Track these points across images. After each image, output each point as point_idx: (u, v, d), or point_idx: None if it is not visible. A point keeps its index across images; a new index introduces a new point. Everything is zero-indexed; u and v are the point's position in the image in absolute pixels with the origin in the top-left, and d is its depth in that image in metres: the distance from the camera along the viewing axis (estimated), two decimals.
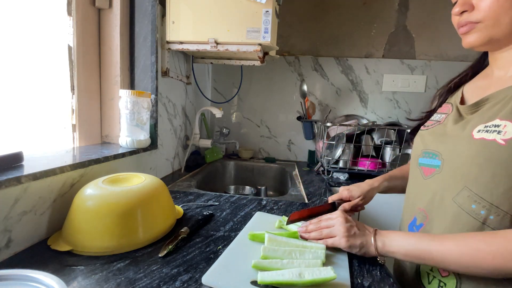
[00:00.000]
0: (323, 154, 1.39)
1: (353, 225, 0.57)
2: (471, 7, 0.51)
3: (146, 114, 0.91)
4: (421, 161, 0.62)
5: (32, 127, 0.75)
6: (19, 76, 0.71)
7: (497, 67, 0.57)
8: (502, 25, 0.49)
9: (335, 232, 0.57)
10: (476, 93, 0.59)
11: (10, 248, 0.52)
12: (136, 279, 0.47)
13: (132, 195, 0.59)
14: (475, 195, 0.49)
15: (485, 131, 0.49)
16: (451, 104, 0.63)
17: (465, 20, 0.52)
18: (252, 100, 1.79)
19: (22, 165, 0.58)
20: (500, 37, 0.51)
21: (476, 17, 0.51)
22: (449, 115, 0.61)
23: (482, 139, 0.48)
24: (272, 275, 0.46)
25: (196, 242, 0.61)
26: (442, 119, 0.62)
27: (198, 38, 1.01)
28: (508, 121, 0.46)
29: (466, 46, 0.55)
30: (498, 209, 0.47)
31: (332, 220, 0.59)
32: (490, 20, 0.50)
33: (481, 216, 0.48)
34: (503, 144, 0.45)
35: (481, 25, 0.51)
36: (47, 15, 0.77)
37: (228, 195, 0.95)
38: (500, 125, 0.47)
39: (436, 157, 0.57)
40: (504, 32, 0.50)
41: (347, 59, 1.69)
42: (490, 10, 0.49)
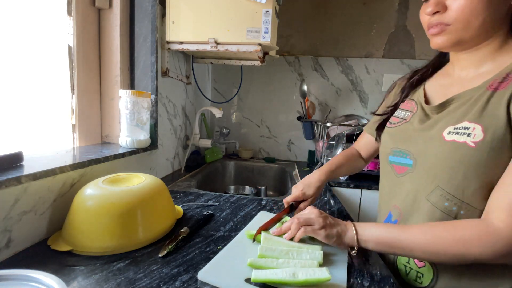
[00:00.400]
0: (323, 154, 1.39)
1: (327, 216, 0.57)
2: (444, 8, 0.51)
3: (146, 114, 0.91)
4: (392, 159, 0.63)
5: (32, 127, 0.75)
6: (19, 76, 0.71)
7: (460, 67, 0.58)
8: (472, 28, 0.50)
9: (313, 221, 0.56)
10: (440, 92, 0.60)
11: (10, 248, 0.52)
12: (136, 279, 0.47)
13: (132, 195, 0.59)
14: (448, 194, 0.51)
15: (455, 133, 0.50)
16: (415, 101, 0.64)
17: (436, 20, 0.53)
18: (252, 100, 1.79)
19: (22, 165, 0.58)
20: (468, 40, 0.52)
21: (448, 19, 0.51)
22: (414, 113, 0.62)
23: (454, 141, 0.50)
24: (266, 274, 0.46)
25: (196, 242, 0.61)
26: (408, 117, 0.63)
27: (198, 38, 1.01)
28: (476, 123, 0.48)
29: (434, 47, 0.57)
30: (468, 206, 0.50)
31: (305, 213, 0.58)
32: (461, 23, 0.50)
33: (453, 212, 0.51)
34: (473, 146, 0.47)
35: (452, 28, 0.52)
36: (47, 15, 0.77)
37: (228, 195, 0.95)
38: (469, 127, 0.49)
39: (407, 156, 0.59)
40: (472, 35, 0.51)
41: (347, 59, 1.69)
42: (462, 12, 0.49)
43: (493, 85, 0.50)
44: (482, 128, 0.47)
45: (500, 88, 0.48)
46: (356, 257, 0.57)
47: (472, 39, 0.52)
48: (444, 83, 0.61)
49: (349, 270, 0.53)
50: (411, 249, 0.49)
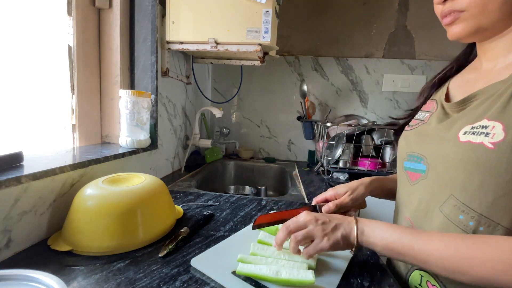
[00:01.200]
0: (323, 154, 1.39)
1: (325, 220, 0.49)
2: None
3: (146, 114, 0.91)
4: (406, 165, 0.57)
5: (32, 127, 0.75)
6: (19, 76, 0.71)
7: (486, 59, 0.52)
8: (490, 12, 0.44)
9: (311, 233, 0.48)
10: (463, 88, 0.54)
11: (10, 248, 0.52)
12: (136, 279, 0.47)
13: (132, 195, 0.59)
14: (463, 205, 0.45)
15: (471, 133, 0.44)
16: (436, 101, 0.58)
17: (448, 8, 0.48)
18: (252, 100, 1.79)
19: (22, 165, 0.58)
20: (487, 26, 0.46)
21: (460, 5, 0.46)
22: (433, 113, 0.56)
23: (468, 142, 0.44)
24: (250, 268, 0.47)
25: (196, 242, 0.61)
26: (426, 117, 0.57)
27: (198, 38, 1.01)
28: (497, 121, 0.42)
29: (451, 38, 0.51)
30: (488, 220, 0.43)
31: (299, 221, 0.50)
32: (476, 8, 0.45)
33: (469, 227, 0.44)
34: (492, 148, 0.41)
35: (466, 14, 0.46)
36: (47, 15, 0.77)
37: (228, 195, 0.95)
38: (488, 126, 0.42)
39: (421, 161, 0.53)
40: (492, 20, 0.45)
41: (347, 59, 1.68)
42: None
43: None
44: (503, 127, 0.40)
45: None
46: (356, 257, 0.57)
47: (493, 25, 0.46)
48: (469, 78, 0.54)
49: (349, 270, 0.53)
50: (425, 261, 0.42)
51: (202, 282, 0.47)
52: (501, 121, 0.41)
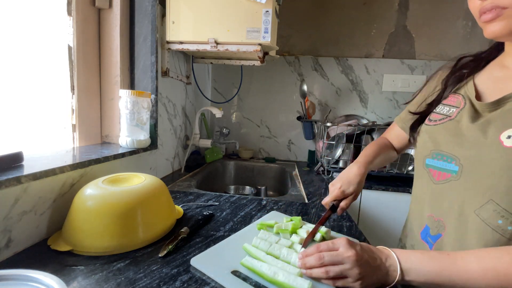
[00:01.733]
0: (323, 154, 1.39)
1: (365, 263, 0.44)
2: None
3: (146, 114, 0.91)
4: (430, 163, 0.55)
5: (32, 127, 0.75)
6: (20, 76, 0.71)
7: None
8: None
9: (346, 273, 0.44)
10: (494, 87, 0.52)
11: (10, 248, 0.52)
12: (136, 279, 0.47)
13: (132, 195, 0.59)
14: (503, 210, 0.43)
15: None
16: (462, 96, 0.55)
17: (490, 4, 0.45)
18: (252, 100, 1.79)
19: (22, 165, 0.58)
20: None
21: (505, 2, 0.43)
22: (462, 109, 0.53)
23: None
24: (253, 263, 0.49)
25: (196, 242, 0.61)
26: (453, 113, 0.54)
27: (198, 38, 1.01)
28: None
29: (489, 37, 0.48)
30: None
31: (338, 255, 0.45)
32: None
33: (508, 232, 0.43)
34: None
35: (509, 11, 0.44)
36: (47, 15, 0.77)
37: (228, 195, 0.95)
38: None
39: (452, 161, 0.50)
40: None
41: (347, 59, 1.68)
42: None
43: None
44: None
45: None
46: None
47: None
48: (499, 76, 0.52)
49: None
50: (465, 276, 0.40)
51: (202, 282, 0.47)
52: None
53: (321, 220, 0.63)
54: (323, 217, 0.64)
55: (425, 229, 0.56)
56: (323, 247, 0.47)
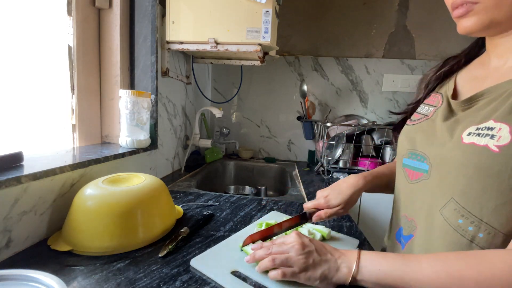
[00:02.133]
0: (323, 154, 1.39)
1: (311, 252, 0.45)
2: None
3: (146, 114, 0.91)
4: (406, 162, 0.55)
5: (32, 127, 0.75)
6: (19, 76, 0.71)
7: (496, 55, 0.49)
8: (504, 5, 0.42)
9: (291, 262, 0.44)
10: (471, 85, 0.52)
11: (10, 248, 0.52)
12: (136, 279, 0.47)
13: (132, 195, 0.59)
14: (463, 209, 0.43)
15: (476, 134, 0.42)
16: (441, 95, 0.55)
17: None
18: (252, 100, 1.79)
19: (22, 165, 0.58)
20: (501, 20, 0.43)
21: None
22: (438, 108, 0.53)
23: (472, 144, 0.42)
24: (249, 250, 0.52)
25: (196, 242, 0.61)
26: (430, 112, 0.54)
27: (198, 38, 1.01)
28: (504, 123, 0.40)
29: (462, 32, 0.47)
30: (488, 226, 0.41)
31: (286, 245, 0.46)
32: (491, 0, 0.42)
33: (468, 233, 0.43)
34: (497, 151, 0.39)
35: (480, 6, 0.43)
36: (47, 15, 0.77)
37: (228, 195, 0.95)
38: (494, 128, 0.40)
39: (424, 160, 0.50)
40: (506, 14, 0.43)
41: (347, 59, 1.68)
42: None
43: None
44: (510, 129, 0.39)
45: None
46: None
47: (507, 19, 0.43)
48: (478, 75, 0.52)
49: None
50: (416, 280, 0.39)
51: (202, 282, 0.47)
52: (508, 123, 0.39)
53: (283, 223, 0.58)
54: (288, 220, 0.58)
55: (399, 230, 0.56)
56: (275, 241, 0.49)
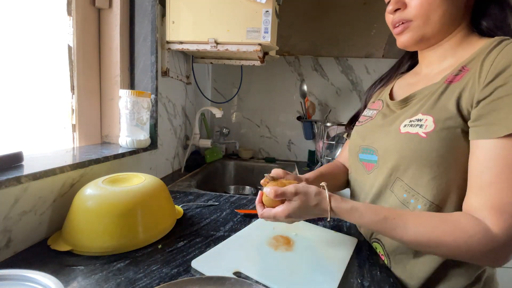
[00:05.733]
0: (323, 154, 1.39)
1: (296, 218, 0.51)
2: (404, 5, 0.53)
3: (146, 114, 0.90)
4: (361, 157, 0.64)
5: (32, 127, 0.75)
6: (19, 76, 0.71)
7: (425, 64, 0.60)
8: (432, 22, 0.52)
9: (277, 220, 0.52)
10: (405, 90, 0.62)
11: (10, 248, 0.52)
12: (136, 279, 0.47)
13: (132, 195, 0.59)
14: (406, 185, 0.53)
15: (409, 125, 0.52)
16: (382, 100, 0.67)
17: (398, 18, 0.54)
18: (252, 100, 1.79)
19: (22, 165, 0.58)
20: (430, 36, 0.54)
21: (408, 15, 0.53)
22: (379, 111, 0.64)
23: (407, 133, 0.52)
24: None
25: (196, 242, 0.61)
26: (373, 115, 0.66)
27: (198, 38, 1.01)
28: (428, 115, 0.50)
29: (400, 46, 0.58)
30: (424, 199, 0.51)
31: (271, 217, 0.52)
32: (422, 18, 0.52)
33: (411, 205, 0.52)
34: (424, 137, 0.49)
35: (413, 24, 0.53)
36: (47, 15, 0.77)
37: (228, 195, 0.95)
38: (422, 119, 0.50)
39: (373, 152, 0.60)
40: (434, 30, 0.53)
41: (347, 59, 1.68)
42: (421, 7, 0.51)
43: (449, 78, 0.51)
44: (434, 119, 0.49)
45: (454, 81, 0.50)
46: (356, 257, 0.57)
47: (434, 35, 0.54)
48: (411, 82, 0.63)
49: (349, 270, 0.53)
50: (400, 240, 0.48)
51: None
52: (432, 114, 0.49)
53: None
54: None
55: None
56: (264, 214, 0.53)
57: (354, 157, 0.67)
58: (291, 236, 0.63)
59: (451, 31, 0.53)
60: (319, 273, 0.50)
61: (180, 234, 0.64)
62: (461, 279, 0.51)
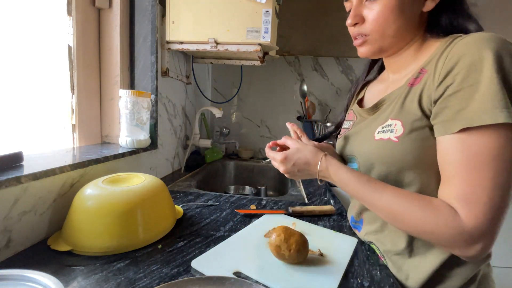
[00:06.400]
0: None
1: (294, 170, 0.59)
2: (362, 20, 0.55)
3: (146, 114, 0.90)
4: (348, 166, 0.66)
5: (32, 127, 0.75)
6: (19, 76, 0.71)
7: (391, 71, 0.63)
8: (388, 36, 0.54)
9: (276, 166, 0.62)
10: (375, 96, 0.64)
11: (10, 248, 0.52)
12: (136, 279, 0.47)
13: (132, 195, 0.59)
14: None
15: (382, 131, 0.54)
16: (353, 110, 0.70)
17: (357, 31, 0.57)
18: (252, 100, 1.79)
19: (22, 165, 0.58)
20: (387, 48, 0.56)
21: (365, 30, 0.55)
22: (355, 121, 0.67)
23: (381, 139, 0.54)
24: None
25: (196, 242, 0.61)
26: (350, 125, 0.69)
27: (198, 38, 1.01)
28: (397, 120, 0.52)
29: (361, 56, 0.60)
30: None
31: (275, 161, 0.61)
32: (377, 33, 0.54)
33: None
34: (396, 141, 0.51)
35: (370, 38, 0.55)
36: (47, 15, 0.77)
37: (228, 195, 0.95)
38: (392, 124, 0.52)
39: (354, 160, 0.62)
40: (390, 42, 0.55)
41: (347, 59, 1.68)
42: (377, 23, 0.53)
43: (411, 81, 0.53)
44: (402, 123, 0.50)
45: (415, 84, 0.52)
46: (356, 257, 0.57)
47: (391, 46, 0.56)
48: (380, 88, 0.66)
49: (349, 270, 0.53)
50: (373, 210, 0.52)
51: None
52: (400, 119, 0.51)
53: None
54: None
55: (351, 218, 0.70)
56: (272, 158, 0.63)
57: None
58: None
59: (408, 40, 0.56)
60: (319, 273, 0.50)
61: (180, 234, 0.64)
62: (457, 278, 0.52)
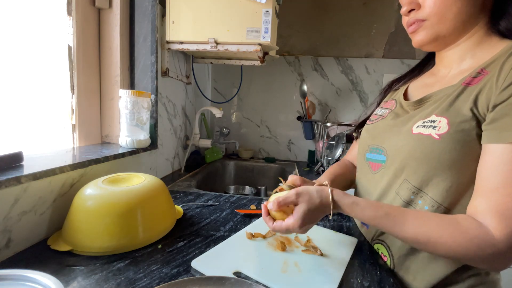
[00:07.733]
0: (323, 154, 1.39)
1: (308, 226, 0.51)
2: (418, 6, 0.52)
3: (146, 114, 0.90)
4: (369, 156, 0.64)
5: (32, 127, 0.75)
6: (19, 76, 0.71)
7: (443, 65, 0.59)
8: (447, 21, 0.51)
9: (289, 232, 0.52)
10: (421, 90, 0.61)
11: (10, 248, 0.52)
12: (136, 279, 0.47)
13: (132, 195, 0.59)
14: (414, 187, 0.52)
15: (422, 126, 0.51)
16: (395, 100, 0.66)
17: (413, 18, 0.54)
18: (252, 100, 1.79)
19: (22, 165, 0.58)
20: (445, 34, 0.52)
21: (422, 15, 0.52)
22: (392, 110, 0.63)
23: (419, 134, 0.51)
24: None
25: (196, 242, 0.61)
26: (385, 114, 0.64)
27: (198, 38, 1.01)
28: (443, 117, 0.49)
29: (415, 45, 0.57)
30: (432, 200, 0.50)
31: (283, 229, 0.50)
32: (435, 17, 0.51)
33: (418, 206, 0.52)
34: (438, 138, 0.48)
35: (427, 23, 0.52)
36: (47, 15, 0.77)
37: (228, 195, 0.95)
38: (436, 120, 0.49)
39: (382, 152, 0.59)
40: (449, 28, 0.51)
41: (347, 59, 1.68)
42: (434, 6, 0.50)
43: (467, 80, 0.50)
44: (448, 121, 0.48)
45: (472, 84, 0.49)
46: (356, 257, 0.57)
47: (450, 33, 0.52)
48: (428, 82, 0.62)
49: (349, 270, 0.53)
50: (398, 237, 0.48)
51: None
52: (446, 116, 0.48)
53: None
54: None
55: None
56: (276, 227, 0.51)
57: (361, 156, 0.67)
58: (290, 236, 0.63)
59: (467, 30, 0.52)
60: (319, 273, 0.50)
61: (180, 234, 0.64)
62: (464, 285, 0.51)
